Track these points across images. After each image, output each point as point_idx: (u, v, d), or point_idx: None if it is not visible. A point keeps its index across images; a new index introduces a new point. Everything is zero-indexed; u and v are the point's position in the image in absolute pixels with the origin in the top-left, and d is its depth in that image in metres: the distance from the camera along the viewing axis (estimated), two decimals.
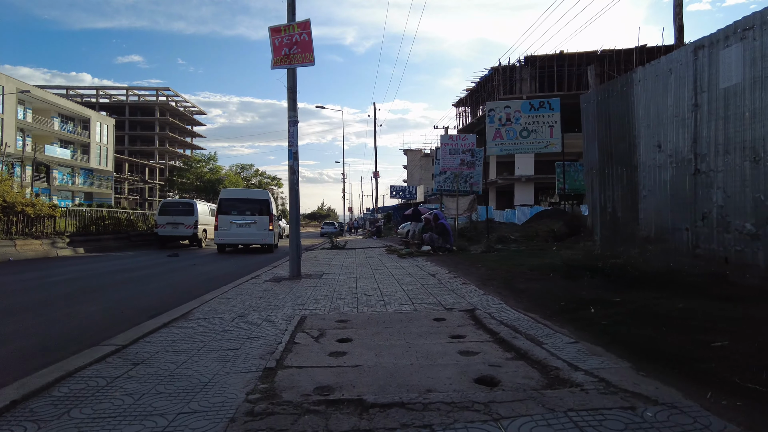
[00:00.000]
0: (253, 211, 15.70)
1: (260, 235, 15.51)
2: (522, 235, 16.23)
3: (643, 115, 5.82)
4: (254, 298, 6.02)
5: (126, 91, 76.61)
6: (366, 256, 12.99)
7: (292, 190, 8.28)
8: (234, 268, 11.83)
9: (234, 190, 18.68)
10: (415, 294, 6.00)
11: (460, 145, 15.12)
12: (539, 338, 3.73)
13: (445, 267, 8.75)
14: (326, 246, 18.37)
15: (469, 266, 8.55)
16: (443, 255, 11.54)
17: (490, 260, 9.21)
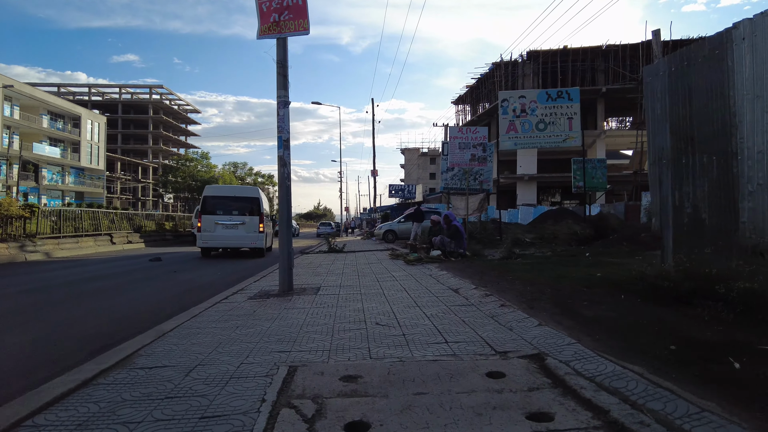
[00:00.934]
0: (241, 210, 14.00)
1: (249, 238, 13.79)
2: (536, 237, 14.74)
3: (748, 84, 4.32)
4: (229, 328, 4.46)
5: (119, 89, 74.68)
6: (368, 262, 11.46)
7: (282, 185, 6.72)
8: (217, 277, 10.26)
9: (220, 187, 16.76)
10: (443, 322, 4.46)
11: (471, 139, 13.61)
12: (680, 423, 2.20)
13: (467, 278, 7.21)
14: (323, 249, 16.81)
15: (496, 278, 7.02)
16: (457, 261, 10.02)
17: (518, 269, 7.69)
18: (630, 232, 10.94)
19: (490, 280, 6.82)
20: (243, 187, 16.61)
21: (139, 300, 7.19)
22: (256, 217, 13.91)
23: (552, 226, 15.87)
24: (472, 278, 7.20)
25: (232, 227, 13.62)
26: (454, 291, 6.29)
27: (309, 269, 10.05)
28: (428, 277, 7.93)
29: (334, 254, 14.88)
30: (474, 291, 6.03)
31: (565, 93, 13.89)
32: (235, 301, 6.05)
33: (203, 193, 14.21)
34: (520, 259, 9.23)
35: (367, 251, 16.13)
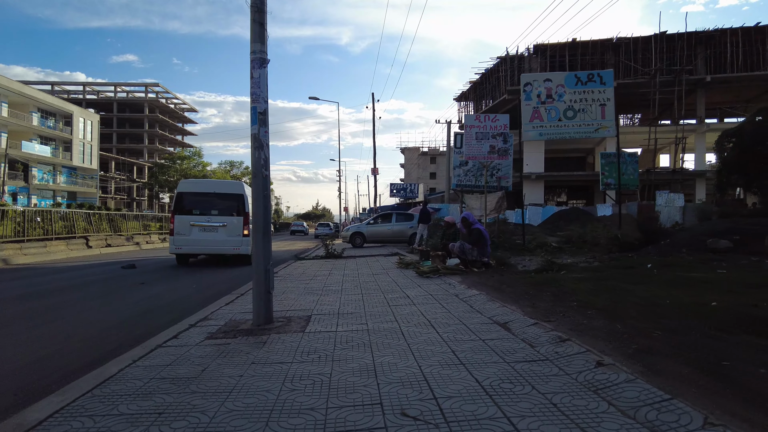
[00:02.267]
0: (222, 209, 11.69)
1: (231, 243, 11.49)
2: (562, 241, 12.78)
3: None
4: (145, 414, 2.48)
5: (114, 88, 72.54)
6: (372, 272, 9.49)
7: (258, 174, 4.75)
8: (190, 291, 8.32)
9: (198, 181, 14.26)
10: (520, 408, 2.50)
11: (490, 128, 11.67)
12: None
13: (511, 302, 5.25)
14: (319, 253, 14.82)
15: (552, 302, 5.07)
16: (482, 273, 8.07)
17: (574, 288, 5.73)
18: (685, 236, 9.00)
19: (546, 307, 4.85)
20: (225, 182, 14.40)
21: (74, 329, 5.24)
22: (240, 217, 11.59)
23: (578, 228, 13.92)
24: (517, 302, 5.23)
25: (211, 230, 11.43)
26: (502, 327, 4.32)
27: (301, 282, 8.07)
28: (454, 298, 5.96)
29: (332, 260, 12.90)
30: (534, 329, 4.06)
31: (597, 76, 11.95)
32: (186, 344, 4.08)
33: (177, 188, 11.99)
34: (565, 272, 7.27)
35: (369, 256, 14.16)
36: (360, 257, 13.96)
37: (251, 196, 5.25)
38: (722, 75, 30.88)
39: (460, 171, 13.05)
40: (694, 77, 31.19)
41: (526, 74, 12.15)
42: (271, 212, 4.98)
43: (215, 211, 11.65)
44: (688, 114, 32.25)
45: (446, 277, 7.84)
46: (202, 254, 12.52)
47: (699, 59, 31.39)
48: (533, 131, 11.85)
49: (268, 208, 4.81)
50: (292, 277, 9.08)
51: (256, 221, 4.76)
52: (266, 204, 4.77)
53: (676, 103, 30.62)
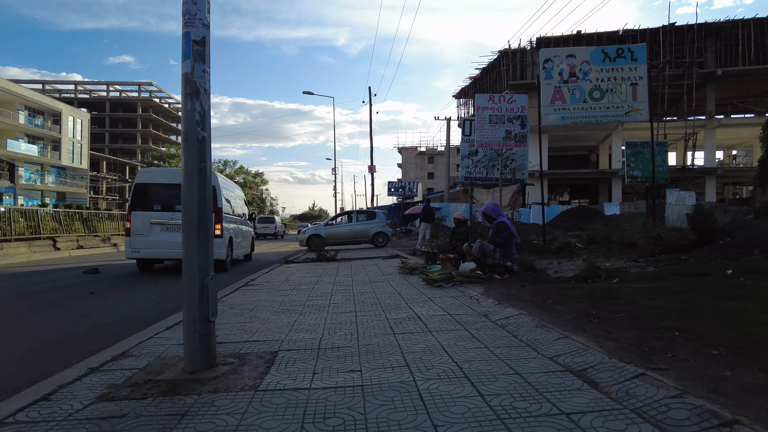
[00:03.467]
0: None
1: None
2: (584, 241, 11.10)
3: None
4: None
5: (106, 87, 70.62)
6: (369, 279, 7.77)
7: (192, 135, 3.04)
8: (142, 305, 6.61)
9: (159, 171, 12.04)
10: None
11: (506, 110, 9.98)
12: None
13: (572, 327, 3.55)
14: (311, 255, 13.10)
15: (634, 328, 3.39)
16: (508, 282, 6.39)
17: (643, 302, 4.06)
18: (747, 235, 7.34)
19: (634, 340, 3.15)
20: None
21: None
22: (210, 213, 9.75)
23: (600, 227, 12.25)
24: (582, 329, 3.52)
25: (175, 229, 9.37)
26: (583, 379, 2.60)
27: (279, 294, 6.35)
28: (484, 320, 4.24)
29: (324, 264, 11.17)
30: (644, 386, 2.34)
31: (627, 51, 10.28)
32: (53, 414, 2.36)
33: (135, 178, 9.99)
34: (617, 280, 5.57)
35: (366, 259, 12.44)
36: (355, 260, 12.23)
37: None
38: (734, 68, 29.36)
39: (469, 162, 11.37)
40: (704, 70, 29.66)
41: (545, 49, 10.46)
42: (210, 197, 3.26)
43: (180, 205, 9.57)
44: (697, 110, 30.72)
45: (463, 287, 6.13)
46: (166, 259, 10.53)
47: (709, 52, 29.85)
48: (555, 115, 10.16)
49: (206, 190, 3.11)
50: (271, 285, 7.35)
51: (189, 211, 3.07)
52: (203, 183, 3.08)
53: (686, 98, 29.08)
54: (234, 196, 11.47)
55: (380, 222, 18.81)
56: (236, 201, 11.70)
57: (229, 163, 59.48)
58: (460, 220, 9.06)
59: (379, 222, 18.79)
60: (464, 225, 9.12)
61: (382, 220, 18.95)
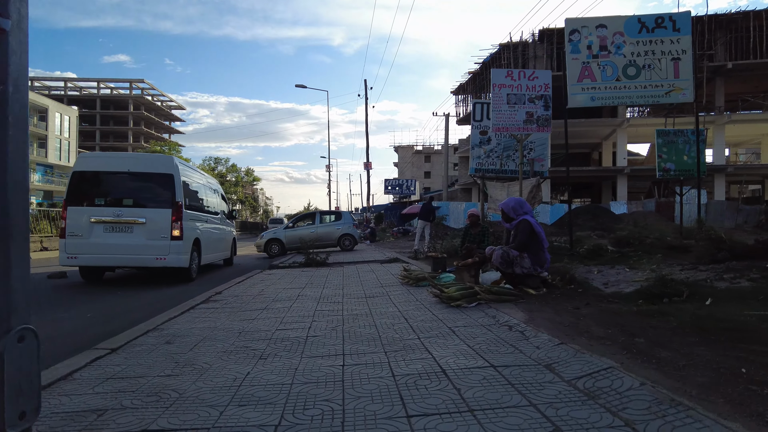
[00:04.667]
0: (141, 198, 7.73)
1: (153, 249, 7.53)
2: (616, 242, 9.48)
3: None
4: None
5: (97, 84, 68.55)
6: (365, 293, 6.08)
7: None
8: (72, 327, 4.87)
9: (103, 156, 10.19)
10: None
11: (526, 88, 8.34)
12: None
13: (734, 408, 1.88)
14: (299, 259, 11.39)
15: None
16: (543, 296, 4.75)
17: None
18: None
19: None
20: (145, 156, 10.48)
21: None
22: (168, 210, 7.57)
23: (632, 227, 10.64)
24: (758, 417, 1.87)
25: (122, 229, 7.47)
26: None
27: (242, 318, 4.66)
28: (554, 381, 2.56)
29: (312, 270, 9.49)
30: None
31: (668, 20, 8.66)
32: None
33: (73, 165, 8.01)
34: (712, 302, 3.92)
35: (361, 263, 10.76)
36: (349, 264, 10.55)
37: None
38: (745, 61, 27.88)
39: (480, 151, 9.72)
40: (714, 64, 28.17)
41: (571, 18, 8.84)
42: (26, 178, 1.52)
43: (130, 200, 7.69)
44: (706, 105, 29.24)
45: (492, 308, 4.47)
46: (116, 267, 8.39)
47: (719, 45, 28.36)
48: (583, 95, 8.53)
49: (23, 173, 1.40)
50: (239, 302, 5.66)
51: None
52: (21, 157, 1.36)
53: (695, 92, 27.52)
54: (205, 190, 9.71)
55: (347, 223, 17.10)
56: (209, 195, 9.98)
57: (222, 160, 57.58)
58: (474, 217, 7.40)
59: (345, 223, 17.05)
60: (478, 225, 7.46)
61: (348, 221, 17.27)
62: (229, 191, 61.77)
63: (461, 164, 45.01)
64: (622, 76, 8.58)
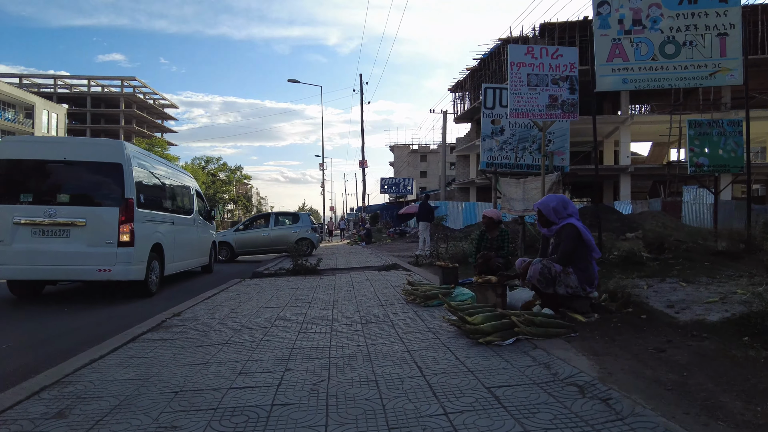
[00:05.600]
0: (78, 194, 6.24)
1: (94, 259, 6.01)
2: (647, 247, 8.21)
3: None
4: None
5: (87, 81, 66.74)
6: (360, 316, 4.77)
7: None
8: None
9: (31, 141, 8.43)
10: None
11: (549, 68, 7.05)
12: None
13: None
14: (287, 265, 10.03)
15: None
16: (606, 330, 3.49)
17: None
18: None
19: None
20: (85, 141, 8.58)
21: None
22: (113, 208, 6.07)
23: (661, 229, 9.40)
24: None
25: (54, 233, 5.96)
26: None
27: (188, 363, 3.32)
28: None
29: (299, 279, 8.19)
30: None
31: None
32: None
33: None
34: None
35: (356, 270, 9.47)
36: (342, 272, 9.26)
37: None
38: (752, 57, 26.75)
39: (492, 143, 8.43)
40: None
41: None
42: None
43: (66, 196, 6.13)
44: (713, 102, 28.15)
45: (536, 347, 3.19)
46: (36, 280, 6.56)
47: None
48: (613, 77, 7.28)
49: None
50: (197, 330, 4.34)
51: None
52: None
53: (701, 88, 26.43)
54: (171, 184, 8.22)
55: (304, 226, 15.45)
56: (177, 191, 8.52)
57: (212, 159, 55.87)
58: (492, 219, 6.11)
59: (303, 226, 15.41)
60: (498, 227, 6.18)
61: (307, 224, 15.61)
62: (221, 190, 60.20)
63: (458, 163, 43.77)
64: (659, 55, 7.32)
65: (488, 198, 38.12)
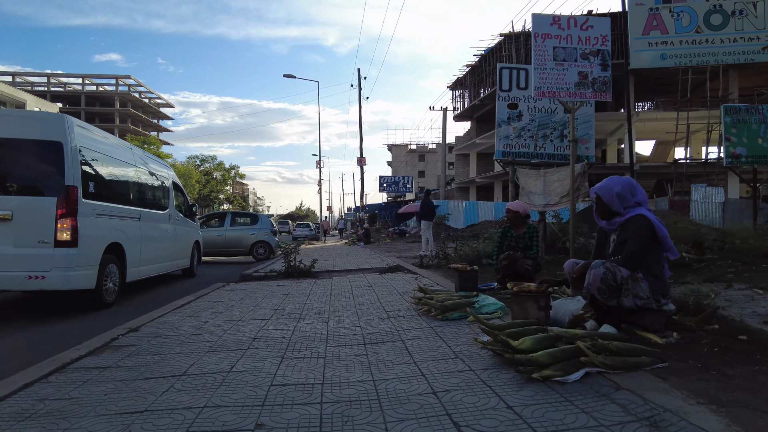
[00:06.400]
0: (2, 179, 4.97)
1: (22, 262, 4.76)
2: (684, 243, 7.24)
3: None
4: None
5: (82, 80, 65.57)
6: (364, 336, 3.76)
7: None
8: None
9: None
10: None
11: (578, 40, 6.08)
12: None
13: None
14: (279, 266, 9.01)
15: None
16: (684, 351, 2.50)
17: None
18: None
19: None
20: (11, 113, 7.27)
21: None
22: (49, 198, 4.87)
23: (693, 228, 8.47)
24: None
25: None
26: None
27: (117, 408, 2.30)
28: None
29: (291, 284, 7.18)
30: None
31: None
32: None
33: None
34: None
35: (355, 272, 8.48)
36: (339, 275, 8.26)
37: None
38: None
39: (509, 130, 7.46)
40: None
41: None
42: None
43: None
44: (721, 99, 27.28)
45: (614, 384, 2.21)
46: None
47: None
48: (650, 52, 6.38)
49: None
50: (152, 352, 3.33)
51: None
52: None
53: (708, 84, 25.55)
54: (136, 171, 6.89)
55: (263, 228, 14.20)
56: (145, 181, 7.23)
57: (208, 157, 54.61)
58: (518, 214, 5.11)
59: (261, 228, 14.16)
60: (525, 223, 5.19)
61: (266, 227, 14.35)
62: (216, 189, 59.07)
63: (458, 163, 42.79)
64: (703, 27, 6.62)
65: (489, 197, 37.08)
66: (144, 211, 6.74)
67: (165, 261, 7.51)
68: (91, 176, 5.44)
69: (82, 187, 5.10)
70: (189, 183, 49.40)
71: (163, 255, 7.43)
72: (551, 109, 7.46)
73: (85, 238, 5.08)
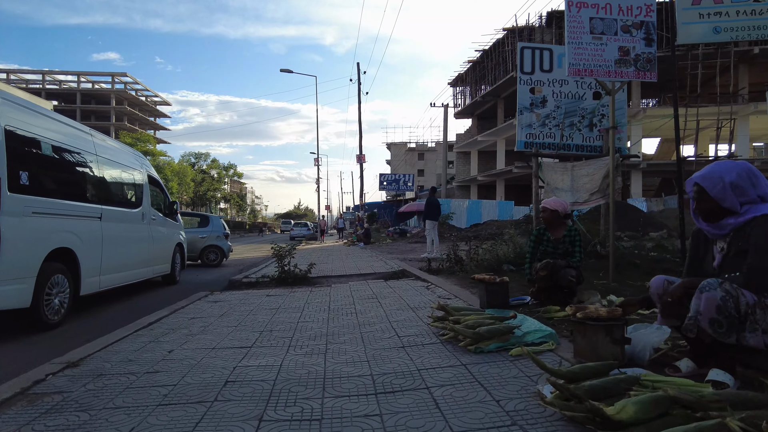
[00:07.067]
0: None
1: None
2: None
3: None
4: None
5: (77, 77, 64.37)
6: (374, 378, 2.83)
7: None
8: None
9: None
10: None
11: (618, 10, 5.12)
12: None
13: None
14: (271, 271, 8.05)
15: None
16: None
17: None
18: None
19: None
20: None
21: None
22: None
23: None
24: None
25: None
26: None
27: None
28: None
29: (286, 292, 6.23)
30: None
31: None
32: None
33: None
34: None
35: (356, 278, 7.53)
36: (338, 279, 7.32)
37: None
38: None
39: (532, 117, 6.52)
40: (739, 49, 25.31)
41: None
42: None
43: None
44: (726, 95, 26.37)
45: None
46: None
47: None
48: (701, 24, 5.42)
49: None
50: (88, 399, 2.37)
51: None
52: None
53: (718, 79, 24.65)
54: (96, 160, 5.74)
55: (215, 231, 12.70)
56: (110, 173, 6.11)
57: (202, 155, 53.49)
58: (557, 213, 4.18)
59: (213, 231, 12.67)
60: (564, 224, 4.26)
61: (218, 230, 12.81)
62: (212, 188, 58.02)
63: (459, 161, 41.88)
64: None
65: (491, 196, 36.14)
66: (107, 209, 5.70)
67: (136, 268, 6.46)
68: (25, 165, 4.34)
69: (8, 177, 4.03)
70: (184, 181, 48.33)
71: (134, 261, 6.39)
72: (579, 95, 6.54)
73: (12, 243, 4.00)
